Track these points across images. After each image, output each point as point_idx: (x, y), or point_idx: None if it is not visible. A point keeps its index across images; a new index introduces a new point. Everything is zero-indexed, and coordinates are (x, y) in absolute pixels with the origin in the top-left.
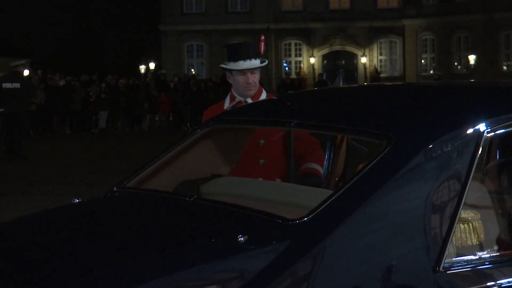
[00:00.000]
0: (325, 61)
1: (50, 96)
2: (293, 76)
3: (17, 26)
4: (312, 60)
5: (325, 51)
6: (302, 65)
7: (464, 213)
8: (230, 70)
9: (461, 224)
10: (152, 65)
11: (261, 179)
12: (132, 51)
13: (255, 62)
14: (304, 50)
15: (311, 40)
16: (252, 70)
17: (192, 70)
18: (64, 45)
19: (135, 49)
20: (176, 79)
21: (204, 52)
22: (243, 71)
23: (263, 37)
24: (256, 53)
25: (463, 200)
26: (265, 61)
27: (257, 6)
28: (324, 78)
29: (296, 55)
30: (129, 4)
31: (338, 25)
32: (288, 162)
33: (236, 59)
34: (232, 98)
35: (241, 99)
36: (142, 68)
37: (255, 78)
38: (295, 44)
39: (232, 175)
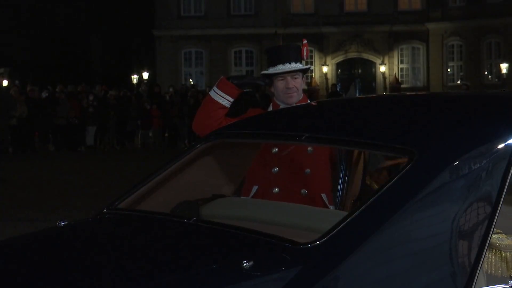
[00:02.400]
0: (339, 70)
1: (32, 109)
2: (304, 86)
3: None
4: (325, 69)
5: (340, 58)
6: (313, 74)
7: (494, 238)
8: (270, 75)
9: (491, 251)
10: (145, 75)
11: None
12: (123, 59)
13: (296, 65)
14: (316, 57)
15: (323, 47)
16: (292, 74)
17: (190, 80)
18: (45, 52)
19: (126, 57)
20: (171, 91)
21: (203, 60)
22: (282, 76)
23: (305, 41)
24: (297, 56)
25: (494, 224)
26: (308, 66)
27: (263, 8)
28: (338, 89)
29: (306, 63)
30: (120, 6)
31: (354, 29)
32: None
33: (275, 63)
34: (275, 106)
35: (285, 107)
36: (134, 78)
37: (296, 83)
38: (309, 51)
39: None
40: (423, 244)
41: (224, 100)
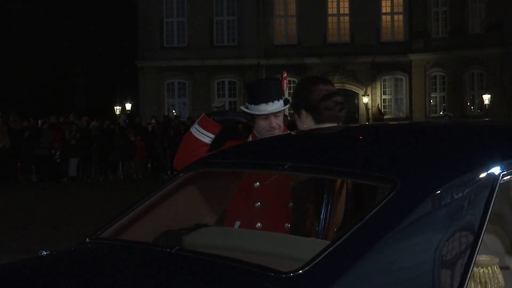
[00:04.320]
0: None
1: (14, 140)
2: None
3: None
4: None
5: None
6: None
7: (478, 267)
8: (251, 114)
9: (474, 280)
10: (128, 106)
11: (248, 229)
12: (106, 89)
13: (278, 104)
14: None
15: None
16: (275, 114)
17: (174, 111)
18: (28, 83)
19: (109, 88)
20: (153, 122)
21: (186, 91)
22: (266, 115)
23: (285, 74)
24: (278, 93)
25: (476, 253)
26: (288, 101)
27: (246, 39)
28: None
29: (289, 94)
30: (102, 36)
31: (337, 60)
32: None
33: (257, 101)
34: (255, 138)
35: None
36: (117, 109)
37: (278, 121)
38: (289, 82)
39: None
40: (405, 274)
41: (206, 137)
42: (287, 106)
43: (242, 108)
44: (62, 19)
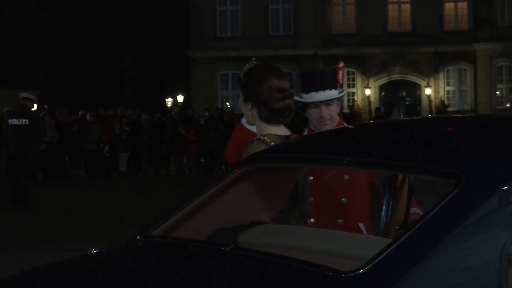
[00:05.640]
0: (382, 93)
1: (62, 134)
2: (346, 110)
3: (23, 54)
4: (367, 92)
5: (383, 80)
6: (355, 97)
7: None
8: (303, 103)
9: None
10: (180, 98)
11: (306, 227)
12: (157, 81)
13: (330, 93)
14: (358, 79)
15: (366, 68)
16: (326, 102)
17: (227, 103)
18: (76, 75)
19: (160, 80)
20: (207, 114)
21: None
22: (316, 104)
23: (341, 64)
24: (332, 82)
25: None
26: (343, 91)
27: (303, 29)
28: (382, 112)
29: (349, 86)
30: (153, 26)
31: (398, 50)
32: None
33: (308, 90)
34: (310, 132)
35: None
36: (169, 101)
37: (330, 111)
38: (348, 73)
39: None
40: (471, 274)
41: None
42: (339, 96)
43: (295, 97)
44: (111, 10)
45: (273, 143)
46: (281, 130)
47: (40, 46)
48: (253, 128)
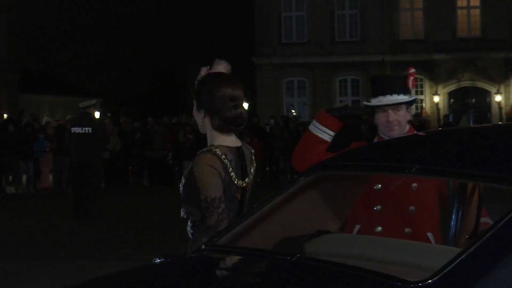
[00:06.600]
0: (451, 100)
1: (125, 142)
2: (409, 118)
3: (87, 61)
4: (436, 99)
5: (452, 87)
6: (424, 104)
7: None
8: (372, 108)
9: None
10: (245, 105)
11: (375, 237)
12: None
13: (398, 98)
14: (427, 86)
15: (435, 75)
16: (394, 107)
17: (293, 111)
18: (140, 82)
19: None
20: (272, 122)
21: (306, 90)
22: (383, 108)
23: (412, 70)
24: (402, 88)
25: None
26: (414, 98)
27: (370, 35)
28: (450, 120)
29: (417, 92)
30: (218, 33)
31: (467, 56)
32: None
33: (376, 94)
34: (380, 139)
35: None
36: None
37: (398, 116)
38: (416, 80)
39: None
40: None
41: (325, 134)
42: (407, 100)
43: (365, 102)
44: (176, 17)
45: (223, 156)
46: (233, 141)
47: (104, 54)
48: (320, 133)
